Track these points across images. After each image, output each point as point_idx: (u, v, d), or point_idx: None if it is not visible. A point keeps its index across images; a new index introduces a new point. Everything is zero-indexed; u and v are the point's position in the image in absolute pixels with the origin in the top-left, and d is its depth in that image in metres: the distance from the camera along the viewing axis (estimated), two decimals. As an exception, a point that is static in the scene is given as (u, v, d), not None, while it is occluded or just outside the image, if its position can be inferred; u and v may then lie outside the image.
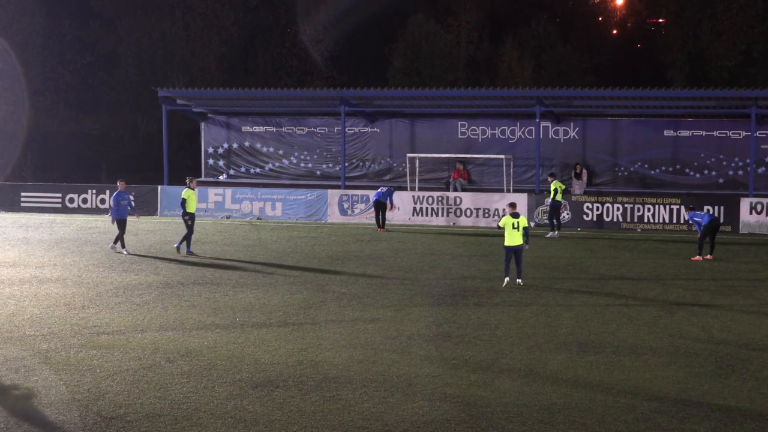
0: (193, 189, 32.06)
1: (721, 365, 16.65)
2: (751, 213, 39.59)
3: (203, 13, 65.71)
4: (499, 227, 25.42)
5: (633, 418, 13.59)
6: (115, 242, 31.70)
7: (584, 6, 76.11)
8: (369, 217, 42.63)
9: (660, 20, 72.87)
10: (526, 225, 24.99)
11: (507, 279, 24.90)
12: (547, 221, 39.65)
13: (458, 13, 66.03)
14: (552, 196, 37.70)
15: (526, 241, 24.92)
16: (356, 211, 43.10)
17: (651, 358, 17.16)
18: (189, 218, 31.40)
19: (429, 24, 64.28)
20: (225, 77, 64.47)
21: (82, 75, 66.43)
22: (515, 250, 24.78)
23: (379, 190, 40.31)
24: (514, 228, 24.65)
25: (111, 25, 66.35)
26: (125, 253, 30.99)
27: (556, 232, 37.28)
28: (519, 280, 24.95)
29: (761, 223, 39.29)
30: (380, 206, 39.84)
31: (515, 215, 24.89)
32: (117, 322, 19.99)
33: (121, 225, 31.69)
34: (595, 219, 40.48)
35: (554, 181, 37.96)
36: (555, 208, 37.66)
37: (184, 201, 31.60)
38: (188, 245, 31.19)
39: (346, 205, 43.32)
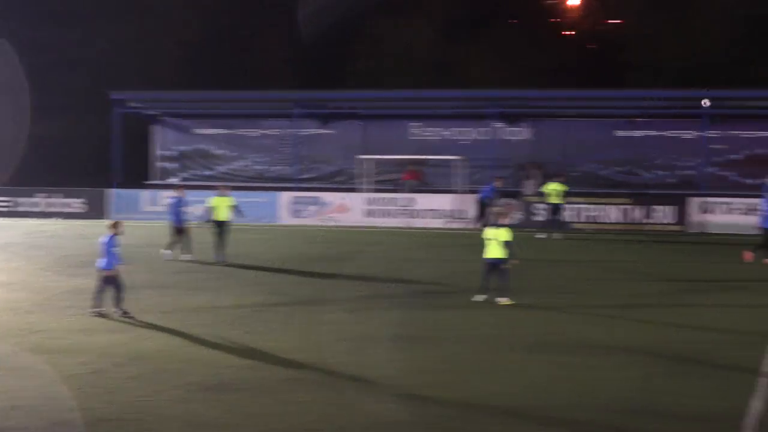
0: (222, 196, 31.30)
1: (678, 366, 16.65)
2: (701, 212, 39.78)
3: (159, 15, 65.19)
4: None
5: (588, 418, 13.54)
6: (171, 248, 30.75)
7: (541, 7, 76.23)
8: (322, 219, 42.43)
9: (617, 21, 73.16)
10: (507, 238, 22.10)
11: (481, 297, 22.46)
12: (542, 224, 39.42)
13: (417, 15, 65.89)
14: (549, 198, 37.80)
15: (508, 256, 22.15)
16: (309, 213, 42.88)
17: (608, 358, 17.12)
18: (217, 226, 30.64)
19: (388, 25, 64.17)
20: (179, 80, 63.96)
21: (34, 77, 65.65)
22: (493, 264, 22.17)
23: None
24: (493, 239, 22.24)
25: (64, 27, 65.64)
26: (169, 255, 30.35)
27: (556, 234, 37.19)
28: (500, 299, 22.18)
29: (712, 223, 39.47)
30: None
31: (497, 225, 22.54)
32: (64, 326, 19.68)
33: (179, 232, 30.77)
34: (547, 219, 40.41)
35: (550, 183, 38.16)
36: (553, 210, 37.79)
37: (213, 209, 30.86)
38: (222, 252, 30.34)
39: (298, 208, 43.09)
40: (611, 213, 40.54)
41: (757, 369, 16.16)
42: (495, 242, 22.17)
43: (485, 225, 23.49)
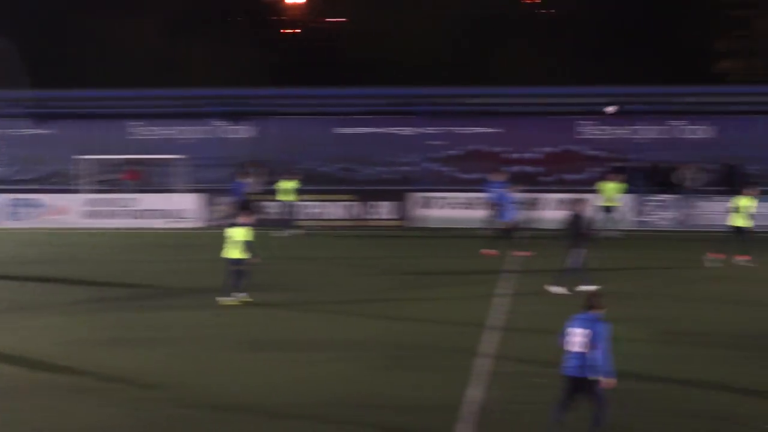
0: None
1: (400, 358, 17.04)
2: (421, 207, 40.86)
3: None
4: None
5: (303, 413, 13.71)
6: None
7: (266, 5, 76.46)
8: (40, 221, 41.09)
9: (341, 20, 74.15)
10: (245, 237, 22.11)
11: (227, 298, 22.21)
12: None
13: (139, 12, 64.84)
14: (281, 196, 37.83)
15: (250, 256, 22.10)
16: (25, 215, 41.41)
17: (333, 353, 17.44)
18: None
19: (109, 22, 62.86)
20: None
21: None
22: (232, 263, 22.09)
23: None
24: (229, 238, 22.16)
25: None
26: None
27: (291, 231, 37.14)
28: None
29: (430, 217, 40.59)
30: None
31: (234, 224, 22.54)
32: None
33: None
34: (269, 217, 40.41)
35: (283, 181, 38.15)
36: (285, 208, 37.86)
37: None
38: None
39: (14, 210, 41.55)
40: (334, 209, 41.11)
41: (474, 358, 16.77)
42: (234, 241, 22.12)
43: (229, 224, 23.22)
